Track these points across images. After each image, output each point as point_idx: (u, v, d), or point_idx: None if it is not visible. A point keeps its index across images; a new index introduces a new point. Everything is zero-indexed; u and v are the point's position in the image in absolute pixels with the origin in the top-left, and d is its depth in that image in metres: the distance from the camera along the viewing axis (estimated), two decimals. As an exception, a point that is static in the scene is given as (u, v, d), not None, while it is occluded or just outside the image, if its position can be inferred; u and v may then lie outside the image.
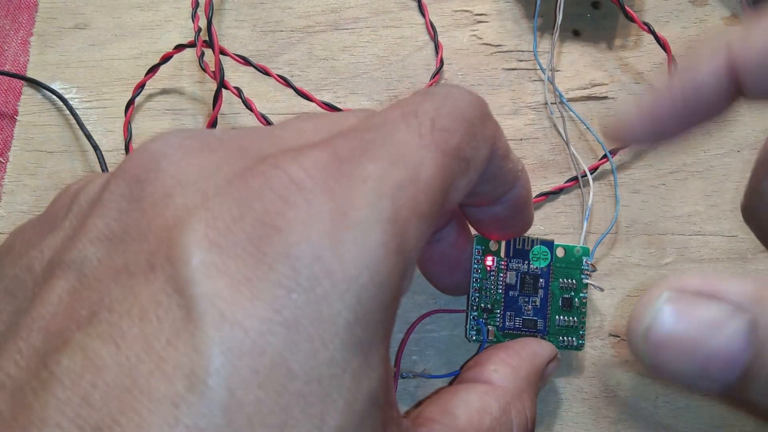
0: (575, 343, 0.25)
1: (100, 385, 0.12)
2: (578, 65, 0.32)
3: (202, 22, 0.30)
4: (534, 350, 0.23)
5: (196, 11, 0.31)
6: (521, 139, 0.31)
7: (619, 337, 0.27)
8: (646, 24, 0.30)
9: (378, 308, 0.13)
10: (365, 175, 0.14)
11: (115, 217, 0.14)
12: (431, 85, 0.31)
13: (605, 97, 0.31)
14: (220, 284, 0.12)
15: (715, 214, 0.29)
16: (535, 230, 0.29)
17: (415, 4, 0.33)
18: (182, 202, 0.14)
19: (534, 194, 0.29)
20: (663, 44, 0.30)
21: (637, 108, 0.19)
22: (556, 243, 0.26)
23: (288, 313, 0.12)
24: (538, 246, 0.25)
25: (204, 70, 0.29)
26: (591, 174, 0.29)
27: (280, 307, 0.12)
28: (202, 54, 0.29)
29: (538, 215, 0.29)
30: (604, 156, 0.29)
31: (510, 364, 0.22)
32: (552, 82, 0.31)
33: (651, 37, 0.30)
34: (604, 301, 0.28)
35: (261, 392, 0.12)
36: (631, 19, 0.31)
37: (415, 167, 0.15)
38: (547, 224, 0.29)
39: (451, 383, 0.25)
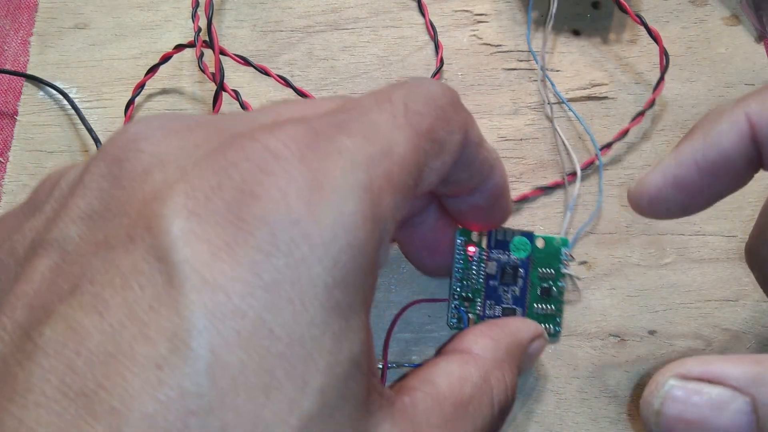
0: (552, 330, 0.26)
1: (84, 352, 0.12)
2: (578, 65, 0.32)
3: (202, 22, 0.30)
4: (517, 326, 0.23)
5: (196, 11, 0.31)
6: (521, 139, 0.31)
7: (619, 337, 0.27)
8: (638, 16, 0.30)
9: (356, 272, 0.14)
10: (340, 147, 0.15)
11: (96, 196, 0.14)
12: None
13: (605, 97, 0.31)
14: (201, 251, 0.13)
15: (715, 214, 0.29)
16: (537, 232, 0.29)
17: (415, 4, 0.34)
18: (161, 177, 0.14)
19: (529, 189, 0.29)
20: (655, 37, 0.30)
21: (662, 178, 0.19)
22: (536, 234, 0.26)
23: (268, 276, 0.13)
24: (519, 237, 0.26)
25: (203, 71, 0.29)
26: (581, 170, 0.29)
27: (261, 271, 0.13)
28: (202, 54, 0.29)
29: (538, 216, 0.29)
30: (594, 157, 0.29)
31: (491, 337, 0.22)
32: (545, 72, 0.31)
33: (649, 37, 0.30)
34: (604, 301, 0.28)
35: (244, 354, 0.12)
36: (624, 11, 0.31)
37: (388, 143, 0.15)
38: (548, 224, 0.29)
39: None
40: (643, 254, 0.29)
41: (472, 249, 0.26)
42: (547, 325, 0.26)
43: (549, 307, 0.26)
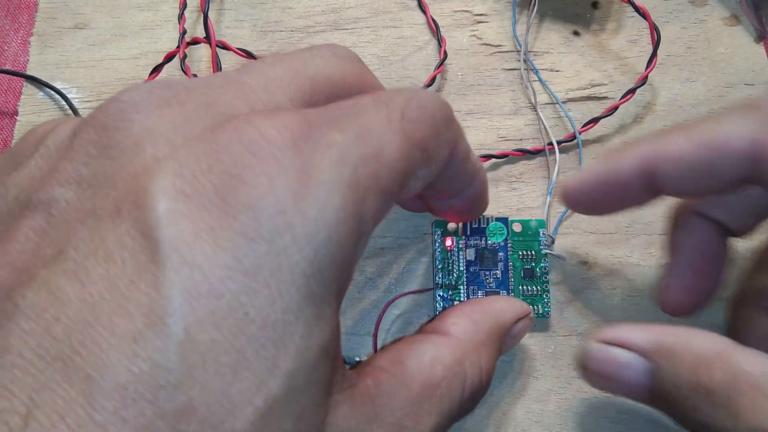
0: (541, 311, 0.27)
1: (63, 318, 0.12)
2: (578, 65, 0.32)
3: (196, 21, 0.30)
4: (500, 307, 0.23)
5: (183, 12, 0.31)
6: (521, 139, 0.31)
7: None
8: None
9: (333, 266, 0.14)
10: (331, 142, 0.15)
11: (84, 162, 0.15)
12: (434, 76, 0.31)
13: (605, 98, 0.31)
14: (185, 230, 0.13)
15: (715, 214, 0.29)
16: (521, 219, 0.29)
17: (415, 4, 0.33)
18: (151, 152, 0.14)
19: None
20: (643, 13, 0.30)
21: (578, 185, 0.24)
22: (511, 219, 0.27)
23: (248, 261, 0.13)
24: (494, 223, 0.27)
25: (185, 72, 0.29)
26: (558, 148, 0.30)
27: (242, 256, 0.13)
28: (185, 56, 0.29)
29: (535, 212, 0.29)
30: (572, 133, 0.30)
31: (470, 318, 0.22)
32: (527, 56, 0.31)
33: (650, 37, 0.30)
34: (604, 302, 0.28)
35: (216, 333, 0.13)
36: None
37: (380, 146, 0.16)
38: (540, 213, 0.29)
39: None
40: (643, 254, 0.29)
41: (449, 243, 0.27)
42: (535, 305, 0.27)
43: (535, 288, 0.27)
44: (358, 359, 0.26)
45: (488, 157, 0.30)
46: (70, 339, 0.12)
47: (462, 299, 0.27)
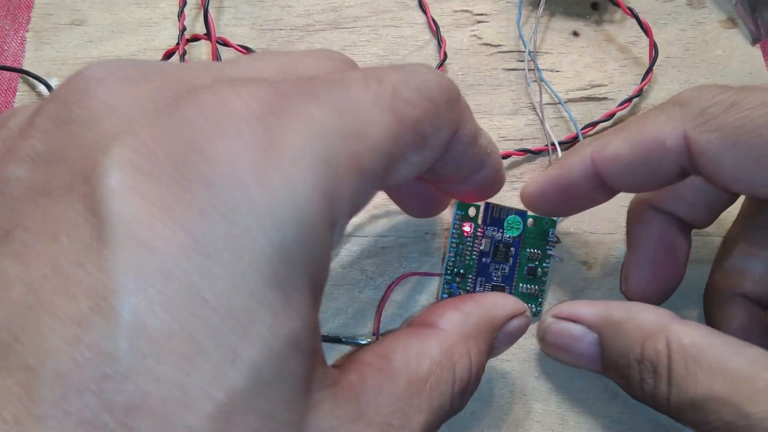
0: (534, 310, 0.27)
1: (5, 302, 0.12)
2: (578, 66, 0.32)
3: (186, 22, 0.30)
4: (494, 301, 0.22)
5: (182, 10, 0.31)
6: (521, 139, 0.31)
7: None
8: (629, 8, 0.31)
9: (302, 249, 0.13)
10: (306, 115, 0.14)
11: (41, 138, 0.14)
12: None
13: (605, 98, 0.32)
14: (136, 207, 0.12)
15: (714, 214, 0.29)
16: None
17: (415, 4, 0.33)
18: (108, 126, 0.13)
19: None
20: (645, 28, 0.31)
21: (533, 189, 0.25)
22: (528, 214, 0.27)
23: (206, 241, 0.12)
24: (513, 216, 0.27)
25: None
26: (560, 148, 0.30)
27: (198, 235, 0.12)
28: (185, 53, 0.29)
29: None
30: (575, 134, 0.30)
31: (460, 310, 0.21)
32: (532, 56, 0.31)
33: (641, 29, 0.31)
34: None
35: (170, 319, 0.12)
36: (616, 4, 0.31)
37: (363, 122, 0.14)
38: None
39: None
40: (643, 254, 0.29)
41: (467, 228, 0.27)
42: (529, 304, 0.27)
43: (534, 287, 0.27)
44: (364, 341, 0.26)
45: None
46: (10, 324, 0.11)
47: (469, 288, 0.27)
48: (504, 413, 0.26)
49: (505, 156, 0.29)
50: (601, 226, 0.29)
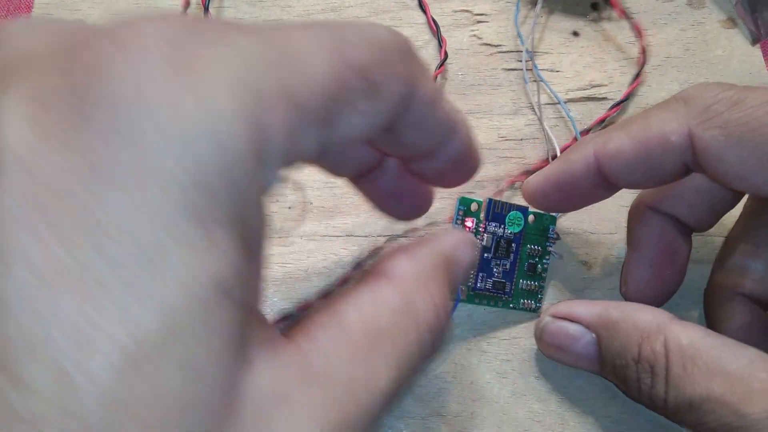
0: (533, 306, 0.28)
1: None
2: (578, 66, 0.32)
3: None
4: (444, 239, 0.20)
5: (186, 10, 0.31)
6: (521, 139, 0.31)
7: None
8: (624, 10, 0.31)
9: (224, 179, 0.12)
10: (229, 41, 0.12)
11: None
12: (435, 76, 0.31)
13: (604, 98, 0.32)
14: (28, 134, 0.11)
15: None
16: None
17: (415, 4, 0.33)
18: (8, 63, 0.12)
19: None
20: (637, 32, 0.31)
21: (536, 185, 0.25)
22: (529, 210, 0.27)
23: (105, 167, 0.11)
24: (514, 211, 0.27)
25: None
26: (561, 154, 0.30)
27: (96, 160, 0.11)
28: None
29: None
30: (575, 138, 0.30)
31: (412, 254, 0.18)
32: (530, 55, 0.31)
33: (648, 39, 0.31)
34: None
35: (62, 251, 0.10)
36: (611, 6, 0.31)
37: (298, 57, 0.13)
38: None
39: None
40: (643, 254, 0.29)
41: (469, 223, 0.27)
42: (529, 301, 0.28)
43: (533, 283, 0.28)
44: None
45: (501, 191, 0.29)
46: None
47: (470, 284, 0.27)
48: (504, 413, 0.26)
49: (509, 185, 0.29)
50: (601, 226, 0.29)
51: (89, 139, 0.11)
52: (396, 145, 0.18)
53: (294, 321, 0.17)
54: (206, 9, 0.29)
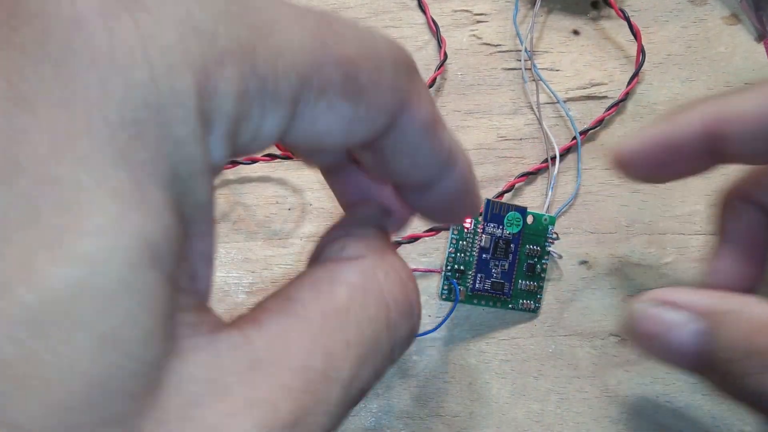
0: (532, 306, 0.28)
1: None
2: (578, 65, 0.32)
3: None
4: (370, 212, 0.18)
5: None
6: (521, 139, 0.31)
7: (619, 336, 0.27)
8: (622, 10, 0.31)
9: (156, 120, 0.10)
10: None
11: None
12: (435, 77, 0.31)
13: (605, 97, 0.31)
14: None
15: (715, 213, 0.29)
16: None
17: (414, 4, 0.33)
18: None
19: (516, 176, 0.30)
20: (635, 32, 0.31)
21: (634, 149, 0.22)
22: (528, 210, 0.27)
23: (25, 87, 0.10)
24: (513, 212, 0.27)
25: None
26: (560, 154, 0.30)
27: (17, 78, 0.10)
28: None
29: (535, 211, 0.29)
30: (574, 138, 0.30)
31: (356, 234, 0.16)
32: (529, 54, 0.31)
33: (649, 37, 0.30)
34: (605, 301, 0.28)
35: None
36: (609, 5, 0.31)
37: (270, 25, 0.12)
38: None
39: None
40: (643, 254, 0.29)
41: (467, 224, 0.27)
42: (528, 301, 0.28)
43: (533, 284, 0.28)
44: None
45: (501, 194, 0.29)
46: None
47: (469, 284, 0.27)
48: (503, 413, 0.26)
49: (508, 188, 0.29)
50: (601, 226, 0.29)
51: (12, 55, 0.10)
52: (383, 170, 0.16)
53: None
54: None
